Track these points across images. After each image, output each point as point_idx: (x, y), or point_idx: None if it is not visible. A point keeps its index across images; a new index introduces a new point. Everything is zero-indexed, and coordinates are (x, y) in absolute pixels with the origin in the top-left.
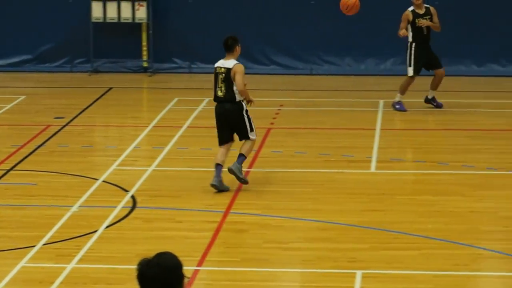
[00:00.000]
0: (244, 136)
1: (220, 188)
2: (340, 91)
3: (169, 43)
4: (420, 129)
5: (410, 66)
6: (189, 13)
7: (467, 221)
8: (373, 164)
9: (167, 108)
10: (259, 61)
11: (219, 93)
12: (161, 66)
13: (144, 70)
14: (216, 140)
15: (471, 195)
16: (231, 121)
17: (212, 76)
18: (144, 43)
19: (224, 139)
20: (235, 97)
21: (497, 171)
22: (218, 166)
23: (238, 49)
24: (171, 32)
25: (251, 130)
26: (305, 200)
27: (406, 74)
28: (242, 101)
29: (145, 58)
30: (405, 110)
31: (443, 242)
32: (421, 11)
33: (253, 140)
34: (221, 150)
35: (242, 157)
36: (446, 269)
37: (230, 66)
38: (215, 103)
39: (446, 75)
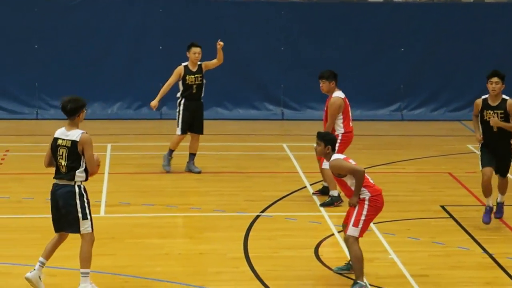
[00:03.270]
0: None
1: None
2: None
3: None
4: (149, 173)
5: None
6: None
7: (195, 263)
8: (103, 208)
9: None
10: None
11: None
12: None
13: None
14: None
15: (199, 237)
16: None
17: None
18: None
19: None
20: None
21: (224, 212)
22: None
23: None
24: None
25: None
26: (33, 247)
27: None
28: None
29: None
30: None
31: (172, 284)
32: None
33: None
34: None
35: None
36: None
37: None
38: None
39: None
